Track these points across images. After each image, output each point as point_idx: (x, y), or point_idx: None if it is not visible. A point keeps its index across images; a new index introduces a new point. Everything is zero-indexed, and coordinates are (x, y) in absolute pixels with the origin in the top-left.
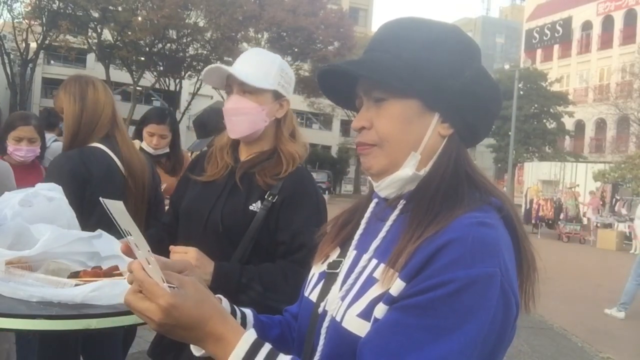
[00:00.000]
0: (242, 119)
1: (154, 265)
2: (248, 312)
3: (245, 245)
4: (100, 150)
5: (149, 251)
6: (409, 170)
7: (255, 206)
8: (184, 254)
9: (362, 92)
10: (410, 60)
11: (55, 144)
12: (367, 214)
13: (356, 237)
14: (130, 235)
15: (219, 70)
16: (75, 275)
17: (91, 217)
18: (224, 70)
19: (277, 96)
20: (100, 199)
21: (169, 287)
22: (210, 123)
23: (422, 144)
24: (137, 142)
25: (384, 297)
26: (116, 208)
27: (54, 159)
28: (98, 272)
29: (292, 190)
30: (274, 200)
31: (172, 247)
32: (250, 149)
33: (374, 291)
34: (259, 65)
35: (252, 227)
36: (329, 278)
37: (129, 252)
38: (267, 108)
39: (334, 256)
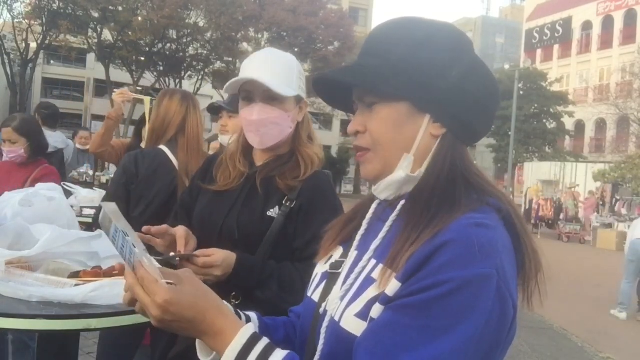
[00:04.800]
0: (271, 129)
1: (151, 263)
2: (252, 315)
3: (263, 252)
4: (161, 151)
5: (144, 250)
6: (402, 172)
7: (273, 212)
8: (209, 257)
9: (356, 98)
10: (398, 63)
11: (70, 142)
12: (369, 215)
13: (358, 237)
14: (128, 236)
15: (241, 81)
16: (75, 275)
17: (136, 208)
18: (257, 81)
19: (298, 100)
20: (101, 202)
21: (167, 283)
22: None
23: (414, 145)
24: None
25: (380, 297)
26: (111, 210)
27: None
28: (98, 272)
29: (310, 196)
30: (292, 206)
31: (200, 252)
32: (266, 153)
33: (372, 291)
34: (281, 70)
35: (270, 233)
36: (330, 278)
37: (123, 272)
38: (292, 114)
39: (336, 256)
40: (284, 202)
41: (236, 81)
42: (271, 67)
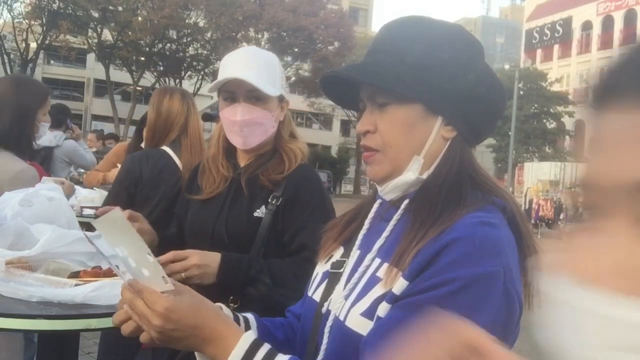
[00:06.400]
0: (254, 129)
1: (155, 265)
2: (250, 317)
3: (255, 253)
4: (164, 152)
5: (148, 253)
6: (412, 174)
7: (260, 212)
8: (185, 259)
9: (366, 97)
10: (414, 64)
11: (67, 142)
12: (371, 215)
13: (360, 237)
14: (124, 248)
15: (224, 81)
16: (75, 275)
17: (142, 210)
18: (243, 81)
19: (280, 99)
20: (92, 221)
21: (166, 293)
22: None
23: (425, 147)
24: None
25: (387, 296)
26: (110, 220)
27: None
28: (98, 272)
29: (295, 191)
30: (277, 204)
31: (173, 255)
32: (249, 154)
33: (378, 290)
34: (265, 69)
35: (259, 233)
36: (332, 278)
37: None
38: (275, 114)
39: (337, 256)
40: (269, 200)
41: (219, 81)
42: (255, 66)
